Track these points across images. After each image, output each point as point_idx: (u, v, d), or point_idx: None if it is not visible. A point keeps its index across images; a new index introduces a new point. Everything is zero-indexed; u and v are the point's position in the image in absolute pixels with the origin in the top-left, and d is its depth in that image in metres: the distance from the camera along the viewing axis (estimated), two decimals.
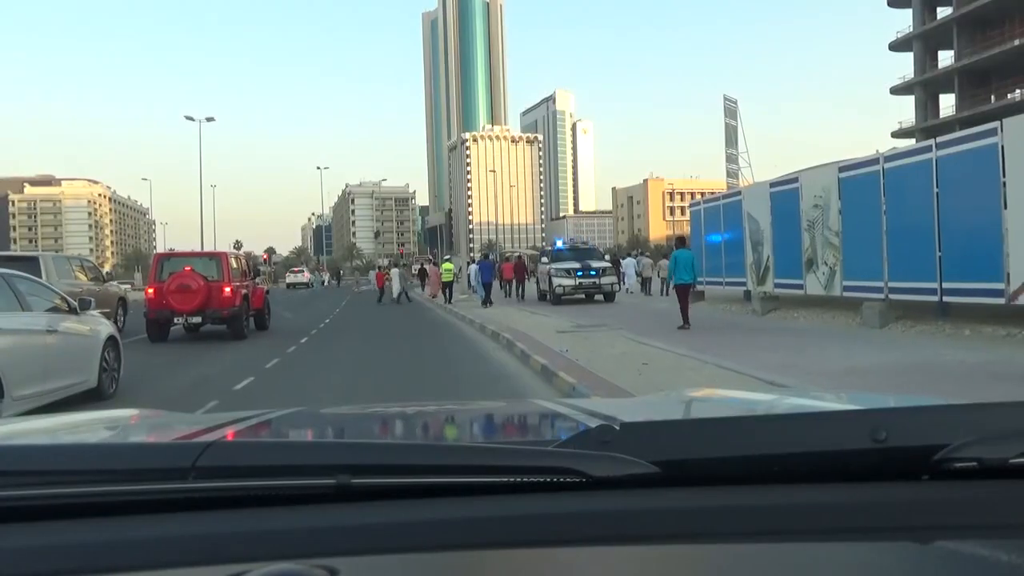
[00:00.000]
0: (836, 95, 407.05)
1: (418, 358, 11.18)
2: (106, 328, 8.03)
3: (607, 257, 25.48)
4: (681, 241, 14.98)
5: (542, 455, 0.92)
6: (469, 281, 30.75)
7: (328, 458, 0.93)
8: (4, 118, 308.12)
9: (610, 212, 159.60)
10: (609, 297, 21.15)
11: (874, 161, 11.79)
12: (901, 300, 11.17)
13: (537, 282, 24.31)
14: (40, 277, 14.78)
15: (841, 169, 12.59)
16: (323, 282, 63.06)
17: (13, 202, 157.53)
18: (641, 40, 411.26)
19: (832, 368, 7.83)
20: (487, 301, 21.87)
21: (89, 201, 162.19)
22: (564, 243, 25.07)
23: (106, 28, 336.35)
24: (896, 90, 61.30)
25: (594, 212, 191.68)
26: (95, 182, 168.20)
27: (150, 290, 14.26)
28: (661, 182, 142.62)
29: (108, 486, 0.86)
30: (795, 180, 14.06)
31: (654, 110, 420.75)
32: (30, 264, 14.79)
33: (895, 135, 61.19)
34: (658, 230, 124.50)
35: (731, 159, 42.62)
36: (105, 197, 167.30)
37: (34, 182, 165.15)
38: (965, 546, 0.75)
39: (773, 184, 14.91)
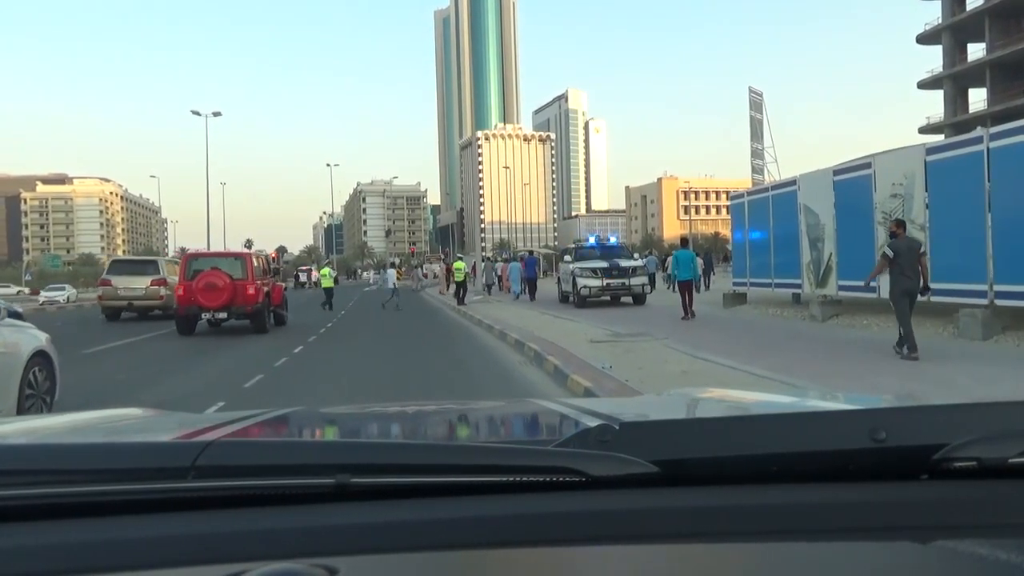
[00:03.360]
0: (858, 92, 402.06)
1: (426, 376, 9.34)
2: (31, 342, 6.29)
3: (637, 256, 23.48)
4: (684, 242, 16.67)
5: (541, 455, 0.93)
6: (500, 281, 29.20)
7: (328, 458, 0.93)
8: (18, 117, 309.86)
9: (623, 211, 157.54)
10: (639, 299, 19.16)
11: (975, 140, 9.87)
12: (1010, 306, 9.29)
13: (559, 282, 22.47)
14: (159, 274, 19.74)
15: (929, 151, 10.68)
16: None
17: (25, 200, 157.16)
18: (654, 39, 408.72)
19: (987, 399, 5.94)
20: (532, 295, 23.75)
21: (100, 199, 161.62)
22: (590, 240, 23.12)
23: (119, 26, 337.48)
24: (924, 84, 59.06)
25: (607, 211, 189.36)
26: (107, 180, 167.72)
27: (180, 289, 15.10)
28: (676, 181, 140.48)
29: (107, 485, 0.86)
30: (867, 166, 12.13)
31: (666, 110, 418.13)
32: (152, 265, 20.60)
33: (922, 131, 58.96)
34: (672, 229, 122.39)
35: (756, 154, 40.48)
36: (117, 195, 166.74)
37: (47, 180, 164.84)
38: (964, 545, 0.74)
39: (838, 171, 12.96)
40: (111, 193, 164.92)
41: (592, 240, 22.63)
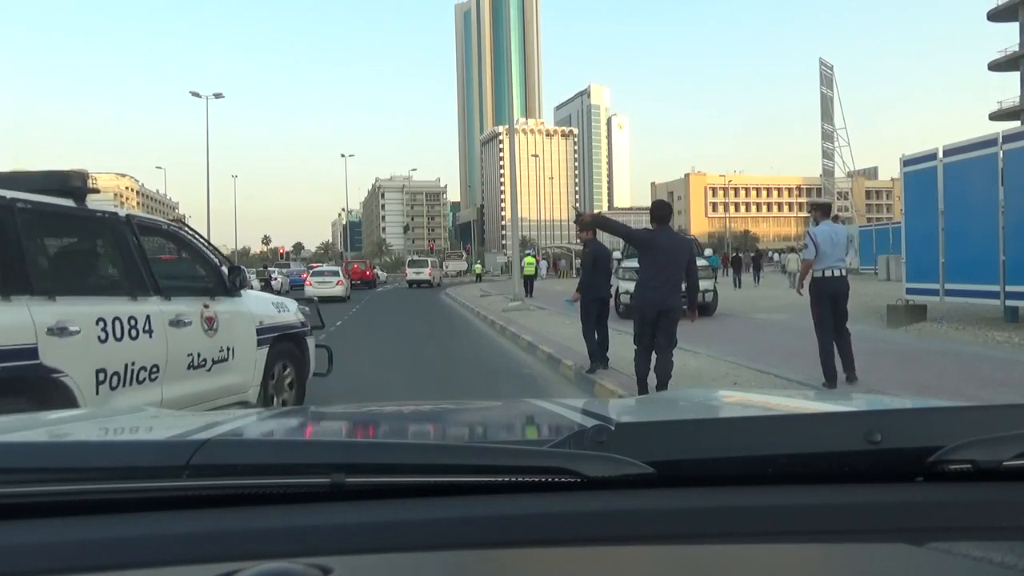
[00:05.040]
0: (911, 78, 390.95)
1: None
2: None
3: (709, 252, 18.34)
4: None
5: (537, 455, 0.93)
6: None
7: (323, 457, 0.93)
8: (43, 116, 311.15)
9: (647, 208, 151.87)
10: (703, 310, 13.28)
11: None
12: None
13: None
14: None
15: None
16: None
17: None
18: (677, 34, 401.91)
19: None
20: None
21: (116, 194, 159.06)
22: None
23: (132, 17, 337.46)
24: (996, 65, 53.55)
25: (630, 208, 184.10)
26: (123, 175, 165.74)
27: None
28: (703, 176, 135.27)
29: (103, 483, 0.87)
30: None
31: (690, 105, 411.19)
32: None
33: (994, 117, 53.50)
34: (700, 226, 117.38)
35: (827, 136, 35.25)
36: (132, 190, 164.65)
37: None
38: (959, 548, 0.74)
39: None
40: (127, 188, 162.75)
41: None
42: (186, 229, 5.02)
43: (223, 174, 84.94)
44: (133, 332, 3.95)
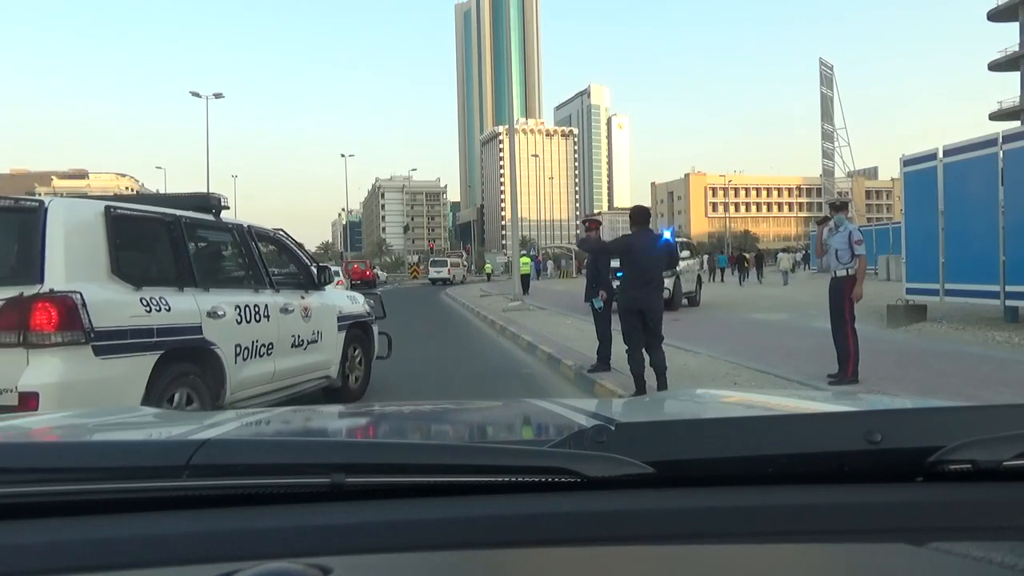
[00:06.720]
0: (912, 78, 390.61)
1: None
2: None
3: (686, 254, 18.11)
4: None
5: (537, 455, 0.93)
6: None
7: (323, 457, 0.94)
8: (38, 115, 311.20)
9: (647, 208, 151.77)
10: (667, 305, 13.64)
11: None
12: None
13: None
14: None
15: None
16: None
17: (40, 195, 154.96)
18: (677, 35, 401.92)
19: None
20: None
21: (116, 194, 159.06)
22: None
23: (134, 17, 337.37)
24: (996, 65, 53.55)
25: (629, 208, 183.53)
26: (123, 175, 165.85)
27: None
28: (703, 176, 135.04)
29: (102, 483, 0.87)
30: None
31: (689, 105, 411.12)
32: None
33: (994, 117, 53.51)
34: (700, 226, 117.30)
35: (827, 136, 35.02)
36: (133, 191, 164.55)
37: (65, 176, 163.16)
38: (959, 548, 0.74)
39: None
40: (127, 188, 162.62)
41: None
42: (285, 235, 6.06)
43: (223, 174, 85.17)
44: (257, 317, 4.99)
